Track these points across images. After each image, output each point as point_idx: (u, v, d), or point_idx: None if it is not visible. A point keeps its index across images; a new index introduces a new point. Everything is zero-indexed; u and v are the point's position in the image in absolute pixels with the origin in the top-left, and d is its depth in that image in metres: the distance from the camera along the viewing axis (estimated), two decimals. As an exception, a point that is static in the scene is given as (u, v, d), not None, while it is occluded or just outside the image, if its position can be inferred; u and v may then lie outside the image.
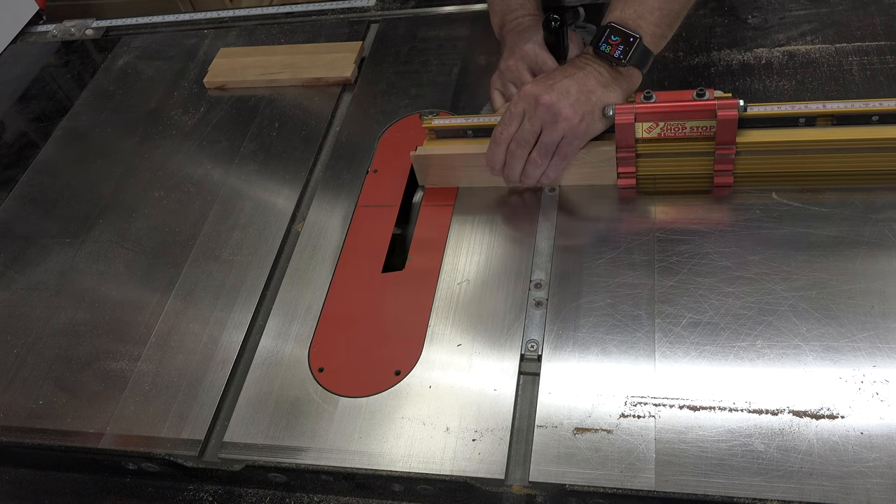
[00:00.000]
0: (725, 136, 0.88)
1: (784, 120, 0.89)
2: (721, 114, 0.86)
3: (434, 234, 0.96)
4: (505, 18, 1.07)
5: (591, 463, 0.73)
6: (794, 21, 1.13)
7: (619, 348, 0.81)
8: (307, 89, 1.23)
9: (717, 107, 0.86)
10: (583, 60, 0.92)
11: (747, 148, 0.89)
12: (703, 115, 0.87)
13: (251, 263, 0.99)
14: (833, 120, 0.88)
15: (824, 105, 0.87)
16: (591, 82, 0.89)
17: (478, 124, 0.98)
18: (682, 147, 0.91)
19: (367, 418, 0.80)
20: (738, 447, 0.72)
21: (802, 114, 0.88)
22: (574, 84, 0.88)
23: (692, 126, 0.88)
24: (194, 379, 0.88)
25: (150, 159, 1.18)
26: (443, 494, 0.78)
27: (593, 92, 0.89)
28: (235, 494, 0.82)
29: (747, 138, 0.89)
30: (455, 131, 1.00)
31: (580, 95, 0.88)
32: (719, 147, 0.89)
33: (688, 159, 0.91)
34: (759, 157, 0.90)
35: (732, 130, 0.87)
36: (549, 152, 0.90)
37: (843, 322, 0.78)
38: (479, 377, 0.82)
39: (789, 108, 0.88)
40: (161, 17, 1.50)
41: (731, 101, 0.86)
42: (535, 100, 0.88)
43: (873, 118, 0.87)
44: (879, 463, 0.69)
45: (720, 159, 0.90)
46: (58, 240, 1.09)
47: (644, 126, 0.89)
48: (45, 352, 0.95)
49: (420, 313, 0.88)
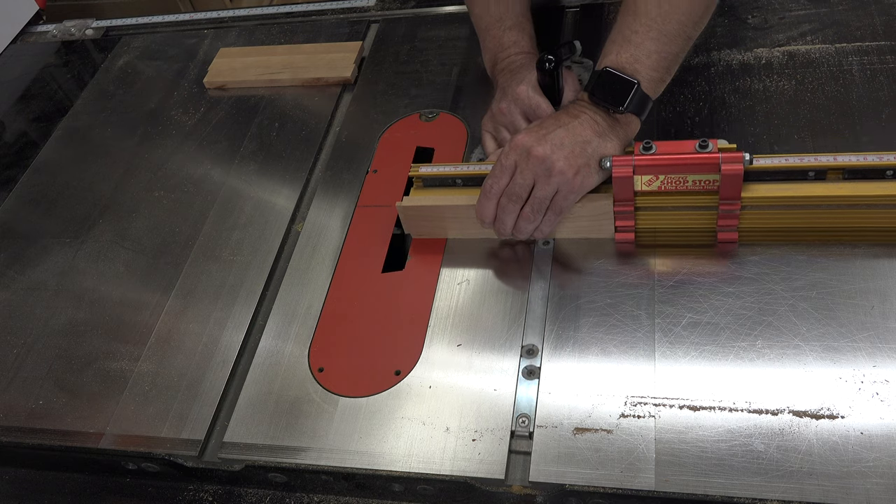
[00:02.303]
0: (730, 191, 0.82)
1: (792, 173, 0.83)
2: (725, 168, 0.80)
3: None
4: (497, 56, 1.02)
5: (591, 463, 0.73)
6: (794, 21, 1.13)
7: (619, 348, 0.81)
8: (307, 89, 1.23)
9: (721, 160, 0.80)
10: (578, 108, 0.87)
11: (753, 203, 0.83)
12: (706, 169, 0.82)
13: (251, 263, 0.99)
14: (844, 174, 0.82)
15: (835, 158, 0.82)
16: (586, 132, 0.84)
17: (468, 173, 0.92)
18: (683, 201, 0.85)
19: (367, 418, 0.80)
20: (738, 447, 0.72)
21: (812, 167, 0.82)
22: (568, 135, 0.84)
23: (694, 180, 0.83)
24: (194, 379, 0.88)
25: (150, 159, 1.18)
26: (443, 494, 0.78)
27: (589, 143, 0.84)
28: (235, 494, 0.82)
29: (753, 193, 0.83)
30: (443, 180, 0.94)
31: (575, 147, 0.83)
32: (723, 202, 0.83)
33: (690, 213, 0.86)
34: (765, 212, 0.84)
35: (737, 185, 0.81)
36: (542, 207, 0.85)
37: (843, 322, 0.78)
38: (479, 377, 0.82)
39: (798, 161, 0.82)
40: (161, 17, 1.50)
41: (735, 155, 0.80)
42: (527, 152, 0.83)
43: (888, 172, 0.81)
44: (879, 463, 0.69)
45: (724, 214, 0.84)
46: (58, 240, 1.09)
47: (643, 179, 0.84)
48: (45, 352, 0.95)
49: (420, 313, 0.88)
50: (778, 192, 0.83)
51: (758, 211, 0.84)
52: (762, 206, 0.84)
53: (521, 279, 0.89)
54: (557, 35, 1.20)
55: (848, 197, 0.81)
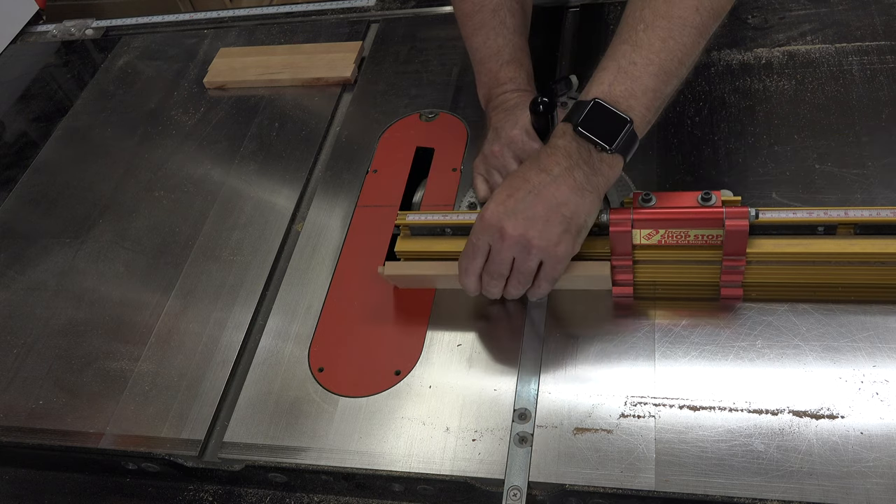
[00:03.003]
0: (735, 246, 0.78)
1: (801, 227, 0.79)
2: (730, 223, 0.76)
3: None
4: (492, 92, 0.97)
5: (591, 463, 0.73)
6: (794, 21, 1.12)
7: (619, 348, 0.81)
8: (307, 89, 1.23)
9: (725, 215, 0.76)
10: (552, 155, 0.78)
11: (759, 258, 0.79)
12: (709, 224, 0.77)
13: (251, 263, 0.99)
14: (856, 229, 0.78)
15: (846, 213, 0.77)
16: (561, 192, 0.76)
17: (457, 222, 0.88)
18: (685, 255, 0.81)
19: (367, 418, 0.80)
20: (738, 447, 0.72)
21: (821, 222, 0.77)
22: (540, 202, 0.76)
23: (697, 234, 0.78)
24: (194, 379, 0.88)
25: (150, 159, 1.18)
26: (443, 494, 0.78)
27: (564, 204, 0.76)
28: (235, 494, 0.82)
29: (759, 248, 0.78)
30: (432, 229, 0.89)
31: (550, 215, 0.76)
32: (727, 258, 0.79)
33: (692, 267, 0.82)
34: (772, 267, 0.80)
35: (743, 241, 0.77)
36: (529, 279, 0.80)
37: (843, 322, 0.78)
38: (479, 377, 0.82)
39: (806, 216, 0.77)
40: (161, 17, 1.50)
41: (741, 210, 0.76)
42: (499, 233, 0.77)
43: None
44: (879, 463, 0.69)
45: (728, 270, 0.80)
46: (58, 240, 1.09)
47: (643, 233, 0.80)
48: (45, 352, 0.95)
49: (420, 313, 0.88)
50: (786, 247, 0.78)
51: (764, 266, 0.80)
52: (769, 261, 0.79)
53: (521, 279, 0.89)
54: (558, 35, 1.20)
55: (860, 254, 0.77)
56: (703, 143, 0.98)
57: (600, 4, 1.23)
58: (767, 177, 0.93)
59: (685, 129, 1.01)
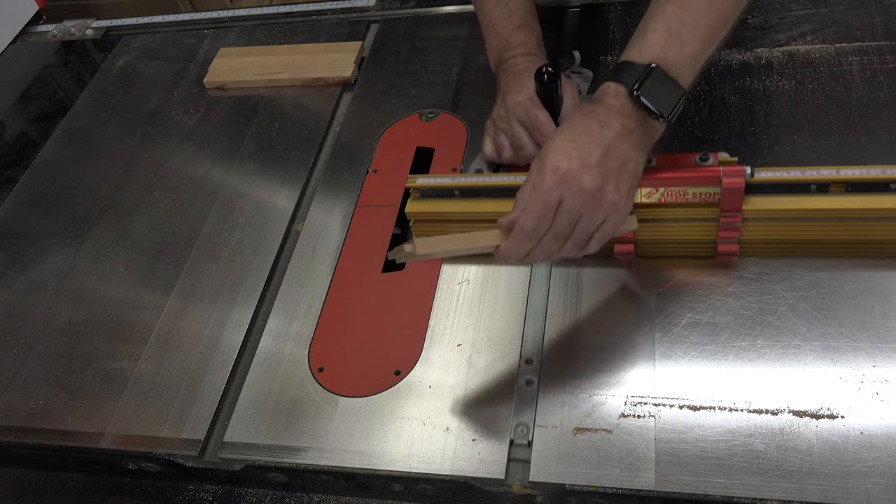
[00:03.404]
0: (731, 203, 0.81)
1: (794, 186, 0.82)
2: (726, 181, 0.80)
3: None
4: (502, 56, 0.99)
5: (591, 463, 0.73)
6: (794, 21, 1.12)
7: (619, 348, 0.81)
8: (307, 89, 1.23)
9: (721, 174, 0.80)
10: (610, 110, 0.77)
11: (754, 215, 0.82)
12: (707, 182, 0.81)
13: (251, 263, 0.99)
14: (847, 187, 0.81)
15: (838, 171, 0.80)
16: (625, 148, 0.75)
17: (465, 184, 0.90)
18: (684, 213, 0.84)
19: (367, 418, 0.80)
20: (738, 447, 0.72)
21: (814, 180, 0.81)
22: (612, 157, 0.74)
23: (695, 192, 0.82)
24: (194, 379, 0.88)
25: (150, 159, 1.18)
26: (443, 494, 0.78)
27: (630, 160, 0.75)
28: (235, 494, 0.83)
29: (754, 205, 0.82)
30: (441, 191, 0.91)
31: (621, 169, 0.75)
32: (724, 215, 0.82)
33: (690, 225, 0.85)
34: (767, 224, 0.83)
35: (739, 198, 0.81)
36: (586, 240, 0.77)
37: (843, 322, 0.78)
38: (479, 377, 0.82)
39: (800, 175, 0.81)
40: (161, 17, 1.50)
41: (737, 168, 0.80)
42: (577, 186, 0.73)
43: (892, 185, 0.80)
44: (879, 463, 0.69)
45: (725, 227, 0.83)
46: (58, 240, 1.09)
47: (643, 191, 0.82)
48: (45, 352, 0.95)
49: (420, 313, 0.88)
50: (779, 204, 0.82)
51: (759, 223, 0.83)
52: (763, 218, 0.83)
53: (522, 279, 0.89)
54: (559, 34, 1.20)
55: (851, 210, 0.80)
56: (703, 143, 0.98)
57: (600, 4, 1.23)
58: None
59: (685, 129, 1.01)
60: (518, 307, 0.87)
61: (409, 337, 0.86)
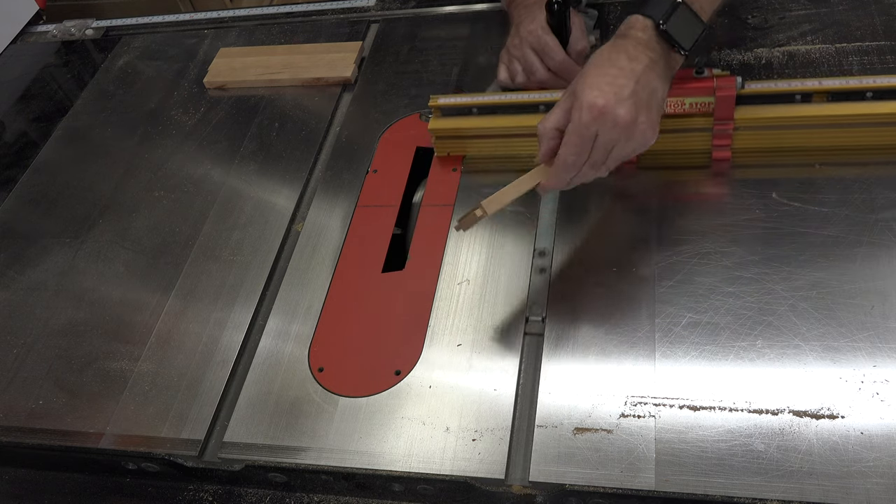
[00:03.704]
0: (724, 112, 0.91)
1: (781, 97, 0.92)
2: (720, 91, 0.89)
3: (434, 234, 0.96)
4: None
5: (591, 463, 0.73)
6: (794, 21, 1.13)
7: (619, 348, 0.81)
8: (307, 89, 1.23)
9: (715, 84, 0.89)
10: (637, 44, 0.81)
11: (745, 124, 0.92)
12: (702, 92, 0.91)
13: (251, 263, 0.99)
14: (828, 96, 0.91)
15: (820, 82, 0.91)
16: (652, 79, 0.80)
17: (482, 102, 1.01)
18: (682, 123, 0.93)
19: (367, 418, 0.80)
20: (738, 447, 0.72)
21: (799, 90, 0.91)
22: (642, 90, 0.79)
23: (692, 102, 0.91)
24: (194, 379, 0.88)
25: (150, 159, 1.18)
26: (443, 494, 0.78)
27: (657, 90, 0.81)
28: (235, 494, 0.83)
29: (745, 114, 0.92)
30: (461, 109, 1.02)
31: (650, 100, 0.80)
32: (718, 122, 0.92)
33: (688, 135, 0.94)
34: (756, 132, 0.93)
35: (731, 107, 0.90)
36: (615, 165, 0.83)
37: (843, 322, 0.78)
38: (479, 377, 0.82)
39: (786, 86, 0.92)
40: (161, 17, 1.50)
41: (729, 79, 0.89)
42: (612, 119, 0.78)
43: (867, 94, 0.90)
44: (879, 463, 0.69)
45: (719, 134, 0.93)
46: (58, 240, 1.09)
47: None
48: (45, 352, 0.95)
49: (420, 313, 0.88)
50: (767, 113, 0.92)
51: (749, 132, 0.93)
52: (753, 126, 0.92)
53: (521, 279, 0.89)
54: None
55: (831, 117, 0.90)
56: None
57: (600, 4, 1.23)
58: (768, 177, 0.93)
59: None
60: (518, 307, 0.87)
61: (409, 337, 0.86)
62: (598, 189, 0.92)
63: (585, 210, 0.95)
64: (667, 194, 0.95)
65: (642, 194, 0.95)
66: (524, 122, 0.98)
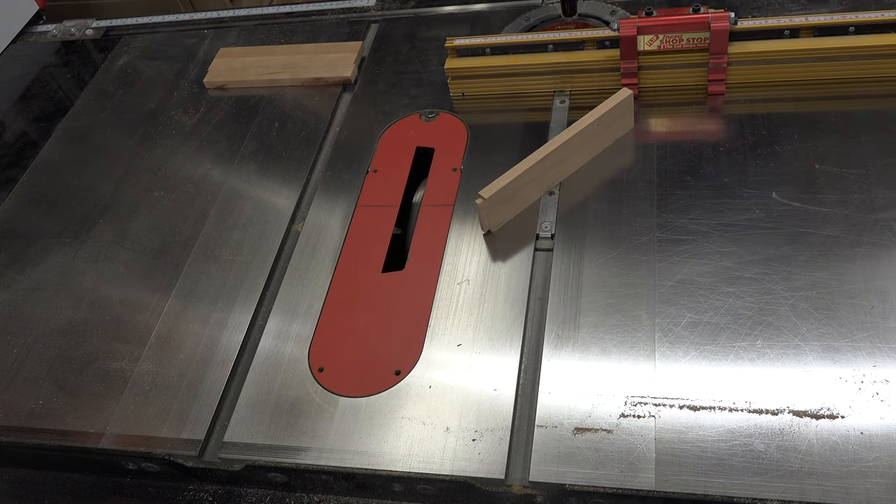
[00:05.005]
0: (718, 46, 0.99)
1: (771, 32, 1.00)
2: (714, 25, 0.97)
3: (434, 234, 0.96)
4: None
5: (591, 463, 0.73)
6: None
7: (619, 348, 0.81)
8: (307, 89, 1.23)
9: (710, 19, 0.97)
10: None
11: (738, 58, 1.00)
12: (698, 27, 0.98)
13: (251, 263, 0.99)
14: (814, 31, 1.00)
15: (807, 18, 1.00)
16: None
17: (495, 42, 1.09)
18: (679, 59, 1.01)
19: (367, 418, 0.80)
20: (738, 447, 0.72)
21: (787, 26, 1.00)
22: None
23: (689, 38, 0.99)
24: (194, 379, 0.88)
25: (150, 159, 1.18)
26: (443, 494, 0.78)
27: None
28: (235, 494, 0.82)
29: (738, 49, 1.00)
30: (475, 49, 1.10)
31: None
32: (713, 57, 0.99)
33: (685, 71, 1.02)
34: (748, 66, 1.01)
35: (724, 41, 0.98)
36: None
37: (843, 322, 0.78)
38: (479, 377, 0.82)
39: (775, 22, 1.00)
40: (161, 17, 1.50)
41: (722, 14, 0.97)
42: None
43: (850, 29, 0.98)
44: (879, 463, 0.69)
45: (713, 68, 1.01)
46: (58, 240, 1.09)
47: (646, 39, 0.99)
48: (45, 352, 0.95)
49: (420, 313, 0.88)
50: (759, 47, 1.00)
51: (742, 66, 1.01)
52: (745, 60, 1.01)
53: (522, 279, 0.89)
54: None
55: (817, 50, 0.99)
56: (703, 144, 0.98)
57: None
58: (767, 177, 0.93)
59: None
60: (518, 307, 0.87)
61: (409, 337, 0.86)
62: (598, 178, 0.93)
63: (584, 211, 0.95)
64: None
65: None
66: (534, 59, 1.07)
